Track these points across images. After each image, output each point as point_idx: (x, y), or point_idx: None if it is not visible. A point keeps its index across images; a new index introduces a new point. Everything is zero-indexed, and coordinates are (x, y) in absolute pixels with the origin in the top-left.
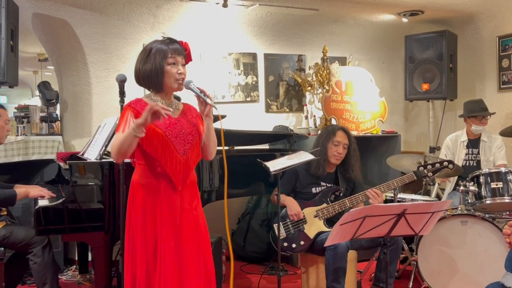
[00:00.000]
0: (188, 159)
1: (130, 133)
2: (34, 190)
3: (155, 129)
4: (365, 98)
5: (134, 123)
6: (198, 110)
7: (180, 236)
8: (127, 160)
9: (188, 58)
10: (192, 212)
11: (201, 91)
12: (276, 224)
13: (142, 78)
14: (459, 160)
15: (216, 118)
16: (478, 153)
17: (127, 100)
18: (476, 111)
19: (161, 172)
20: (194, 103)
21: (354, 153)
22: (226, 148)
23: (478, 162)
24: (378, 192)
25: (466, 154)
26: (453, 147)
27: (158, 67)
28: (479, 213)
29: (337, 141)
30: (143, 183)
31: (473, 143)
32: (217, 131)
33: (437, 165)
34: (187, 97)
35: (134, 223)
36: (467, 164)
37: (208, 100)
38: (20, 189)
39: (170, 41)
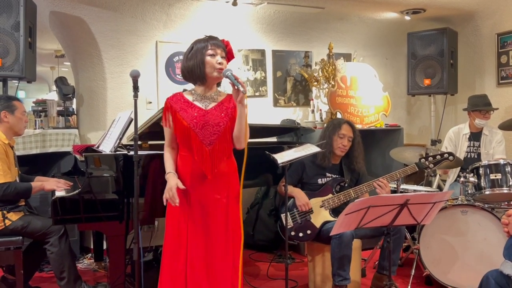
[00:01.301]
0: (214, 150)
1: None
2: (48, 184)
3: (182, 122)
4: (369, 93)
5: (168, 180)
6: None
7: (208, 225)
8: (141, 153)
9: (230, 55)
10: (222, 201)
11: (235, 78)
12: (284, 214)
13: (187, 72)
14: (461, 152)
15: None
16: (480, 146)
17: (140, 94)
18: (480, 106)
19: (193, 161)
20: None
21: (358, 146)
22: None
23: (479, 154)
24: (385, 182)
25: (468, 147)
26: (456, 139)
27: (199, 59)
28: (478, 203)
29: (342, 134)
30: (180, 171)
31: (475, 136)
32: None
33: (438, 156)
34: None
35: (167, 213)
36: (469, 156)
37: (240, 87)
38: (36, 183)
39: (210, 37)
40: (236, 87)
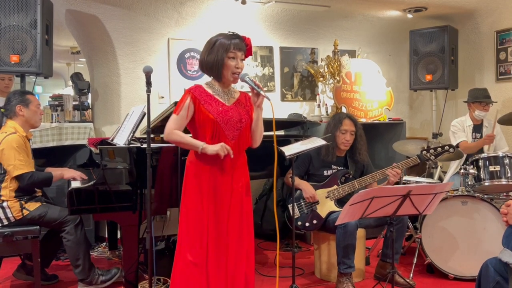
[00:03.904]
0: (236, 144)
1: (196, 145)
2: (68, 172)
3: (208, 115)
4: (373, 88)
5: (205, 148)
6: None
7: (228, 213)
8: (154, 146)
9: (248, 53)
10: (240, 191)
11: (256, 84)
12: (291, 205)
13: (205, 67)
14: None
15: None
16: (481, 137)
17: (153, 89)
18: (480, 98)
19: (213, 154)
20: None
21: (360, 138)
22: None
23: None
24: (398, 171)
25: (471, 138)
26: (462, 128)
27: (219, 59)
28: (478, 194)
29: (344, 129)
30: (197, 164)
31: (476, 128)
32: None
33: (439, 149)
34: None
35: (187, 201)
36: None
37: (262, 92)
38: (56, 172)
39: (234, 36)
40: (255, 91)
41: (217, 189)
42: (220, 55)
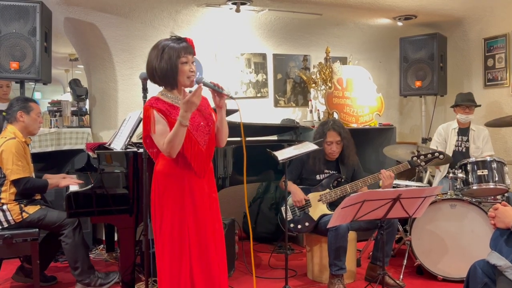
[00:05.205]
0: (208, 149)
1: (180, 127)
2: (63, 182)
3: None
4: (364, 94)
5: (181, 116)
6: (212, 102)
7: (204, 219)
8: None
9: (193, 53)
10: (212, 196)
11: (215, 85)
12: (284, 208)
13: (158, 76)
14: (450, 146)
15: (231, 112)
16: (467, 140)
17: (149, 95)
18: (459, 102)
19: (185, 162)
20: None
21: (348, 145)
22: (239, 139)
23: (467, 148)
24: (392, 174)
25: (456, 141)
26: (445, 134)
27: (173, 66)
28: (466, 198)
29: (329, 141)
30: (169, 173)
31: (463, 131)
32: (236, 124)
33: (429, 155)
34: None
35: (159, 211)
36: (458, 150)
37: (224, 92)
38: (52, 180)
39: (180, 40)
40: (217, 92)
41: (195, 197)
42: (173, 62)
